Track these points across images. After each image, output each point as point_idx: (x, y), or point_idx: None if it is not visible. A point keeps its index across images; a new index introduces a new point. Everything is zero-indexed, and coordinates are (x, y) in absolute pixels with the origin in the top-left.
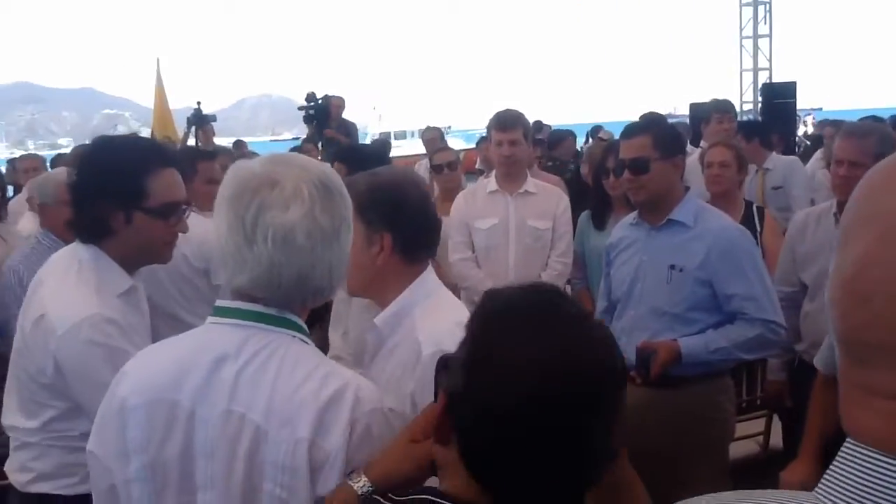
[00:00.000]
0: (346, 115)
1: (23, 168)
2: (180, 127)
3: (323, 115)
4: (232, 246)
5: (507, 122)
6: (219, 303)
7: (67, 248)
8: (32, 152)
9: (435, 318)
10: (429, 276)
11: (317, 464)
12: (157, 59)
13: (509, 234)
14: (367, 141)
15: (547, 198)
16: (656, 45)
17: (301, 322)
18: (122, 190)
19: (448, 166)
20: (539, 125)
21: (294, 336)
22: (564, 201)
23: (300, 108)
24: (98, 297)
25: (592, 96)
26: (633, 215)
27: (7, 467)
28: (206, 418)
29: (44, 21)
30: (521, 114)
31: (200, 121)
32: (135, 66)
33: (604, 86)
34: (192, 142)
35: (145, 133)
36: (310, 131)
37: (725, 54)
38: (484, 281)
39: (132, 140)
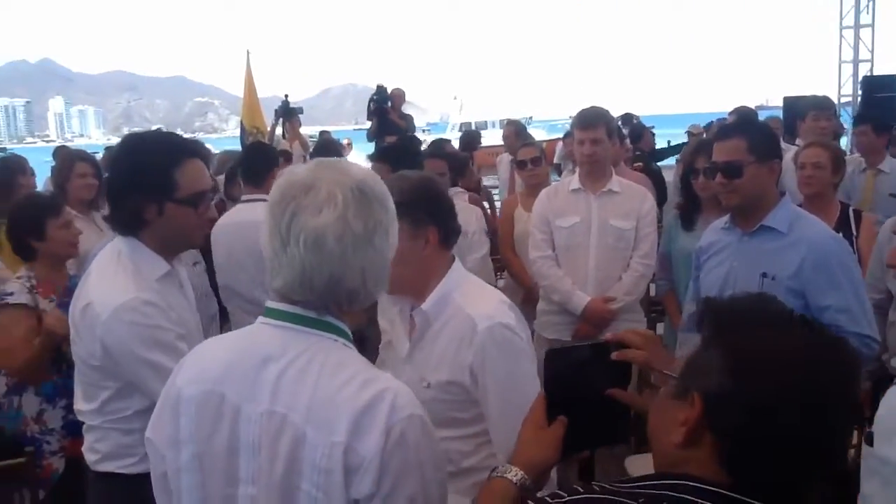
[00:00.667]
0: (427, 104)
1: None
2: (268, 117)
3: (382, 110)
4: (270, 249)
5: (588, 120)
6: (268, 303)
7: (111, 242)
8: None
9: (478, 298)
10: (457, 262)
11: (351, 468)
12: (248, 52)
13: (591, 233)
14: (448, 131)
15: (631, 197)
16: (750, 34)
17: (343, 325)
18: (153, 184)
19: (532, 162)
20: (629, 117)
21: (336, 340)
22: (650, 201)
23: (370, 100)
24: (136, 282)
25: (681, 86)
26: (724, 219)
27: (83, 448)
28: (250, 416)
29: (138, 11)
30: (604, 111)
31: (288, 113)
32: (224, 54)
33: (693, 75)
34: (279, 132)
35: (234, 121)
36: (372, 126)
37: (823, 44)
38: (563, 280)
39: (159, 135)
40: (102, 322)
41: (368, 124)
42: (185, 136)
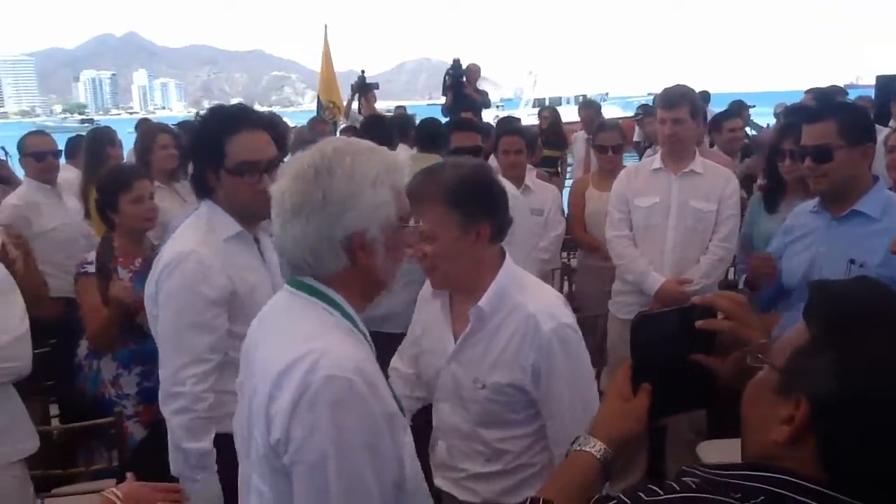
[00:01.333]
0: (502, 80)
1: None
2: (344, 92)
3: (459, 85)
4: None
5: (671, 99)
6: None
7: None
8: None
9: (537, 295)
10: (508, 256)
11: (270, 416)
12: (325, 26)
13: (670, 213)
14: (522, 106)
15: (714, 178)
16: (842, 6)
17: (325, 290)
18: (207, 153)
19: (613, 149)
20: (706, 95)
21: (316, 302)
22: (733, 183)
23: (446, 74)
24: (199, 238)
25: (767, 62)
26: (813, 202)
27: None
28: (256, 380)
29: None
30: (688, 90)
31: (364, 88)
32: (301, 29)
33: (780, 51)
34: (354, 107)
35: (310, 95)
36: (447, 100)
37: None
38: (638, 260)
39: (222, 108)
40: (160, 269)
41: (443, 99)
42: (262, 109)
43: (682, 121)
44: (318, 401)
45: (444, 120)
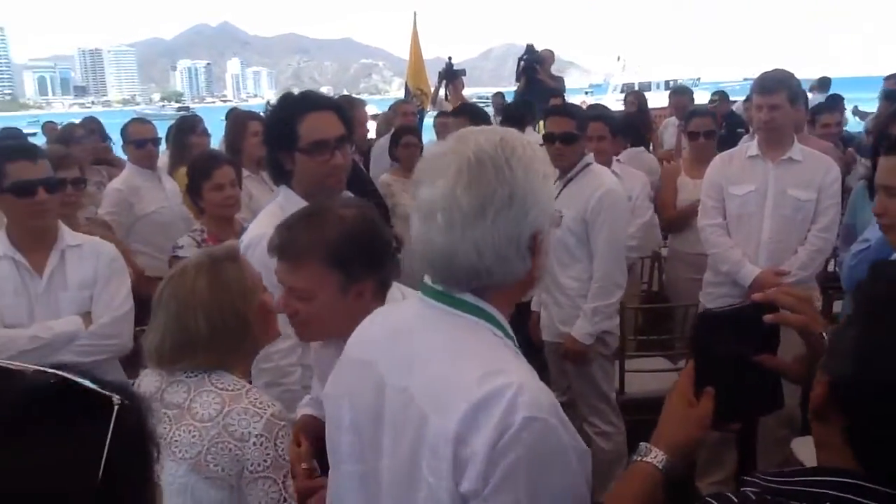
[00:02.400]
0: (591, 65)
1: None
2: (432, 79)
3: (532, 70)
4: (412, 225)
5: (767, 84)
6: (424, 278)
7: None
8: None
9: None
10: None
11: (460, 459)
12: (415, 13)
13: (766, 202)
14: (609, 92)
15: (814, 166)
16: None
17: (487, 308)
18: (282, 137)
19: (705, 135)
20: (826, 81)
21: (476, 321)
22: (834, 171)
23: (520, 60)
24: (272, 222)
25: (873, 46)
26: None
27: None
28: (392, 389)
29: None
30: (787, 76)
31: (451, 75)
32: (390, 17)
33: (889, 33)
34: (442, 94)
35: (398, 82)
36: (520, 86)
37: None
38: (733, 250)
39: (289, 94)
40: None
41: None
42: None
43: (778, 107)
44: (517, 447)
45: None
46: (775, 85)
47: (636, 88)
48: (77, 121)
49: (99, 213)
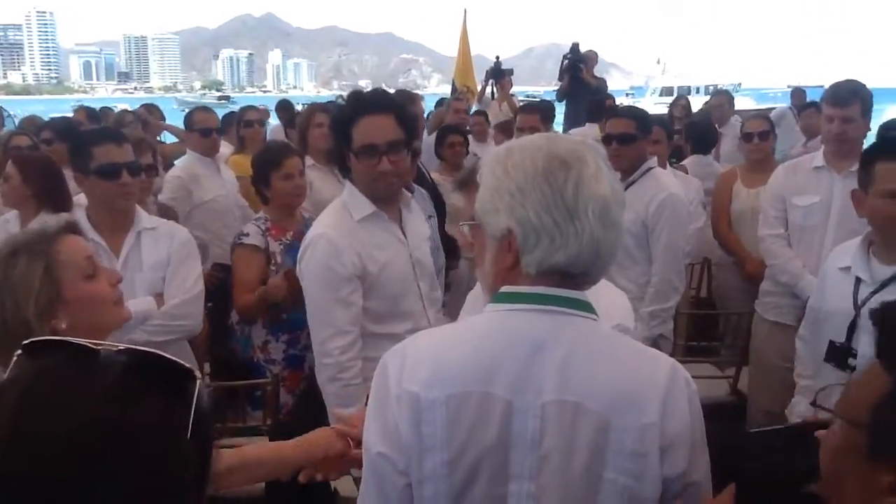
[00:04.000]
0: (632, 67)
1: None
2: (477, 77)
3: (576, 69)
4: (547, 221)
5: (841, 95)
6: (509, 289)
7: None
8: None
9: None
10: None
11: (665, 447)
12: (465, 10)
13: (830, 214)
14: (648, 94)
15: None
16: None
17: (591, 302)
18: (340, 136)
19: (759, 136)
20: (799, 91)
21: (596, 319)
22: None
23: (563, 58)
24: (333, 220)
25: None
26: None
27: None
28: (525, 409)
29: None
30: (860, 86)
31: (498, 74)
32: (431, 12)
33: None
34: (488, 92)
35: (436, 78)
36: (563, 84)
37: None
38: (793, 261)
39: (355, 93)
40: (301, 248)
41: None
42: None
43: (851, 119)
44: (696, 417)
45: (559, 105)
46: (850, 96)
47: (675, 93)
48: (127, 106)
49: (159, 200)
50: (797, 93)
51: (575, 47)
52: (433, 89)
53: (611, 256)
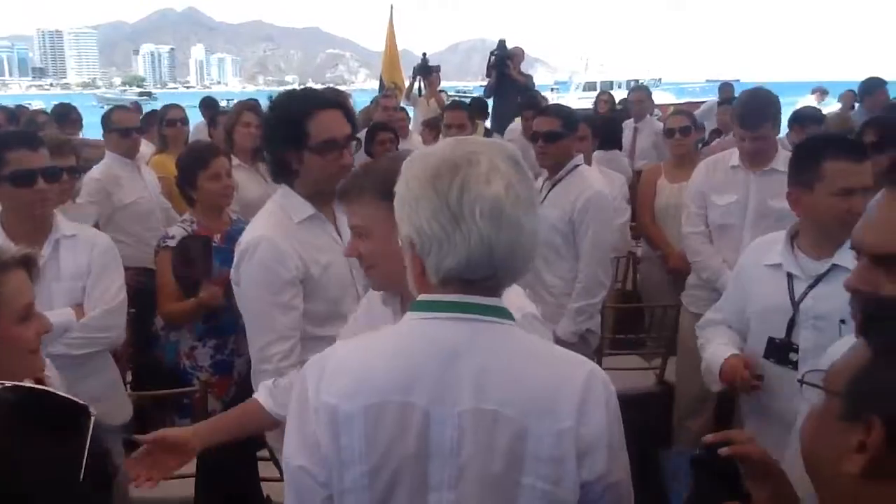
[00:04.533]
0: (557, 63)
1: None
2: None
3: (503, 65)
4: (435, 228)
5: (750, 121)
6: (425, 297)
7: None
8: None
9: None
10: None
11: (582, 451)
12: (391, 6)
13: (747, 213)
14: (572, 90)
15: None
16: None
17: (507, 307)
18: (290, 135)
19: (681, 131)
20: (726, 86)
21: (511, 325)
22: None
23: (490, 54)
24: (273, 223)
25: (821, 51)
26: None
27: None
28: (443, 418)
29: None
30: (766, 101)
31: (426, 71)
32: (358, 7)
33: (843, 40)
34: (416, 88)
35: (364, 74)
36: (490, 81)
37: None
38: (714, 257)
39: (297, 91)
40: (239, 252)
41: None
42: (317, 86)
43: (764, 137)
44: (614, 416)
45: (488, 101)
46: (759, 120)
47: (598, 88)
48: (41, 104)
49: (77, 203)
50: (725, 87)
51: (502, 44)
52: (360, 84)
53: (511, 257)
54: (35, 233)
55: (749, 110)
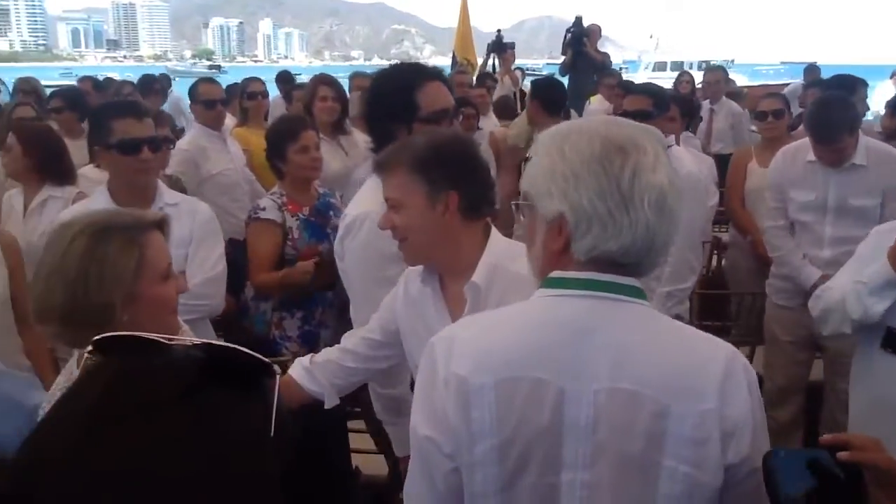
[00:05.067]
0: (626, 41)
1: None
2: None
3: (580, 43)
4: (601, 209)
5: (825, 135)
6: (559, 274)
7: None
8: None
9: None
10: (496, 232)
11: (727, 433)
12: None
13: (826, 211)
14: (641, 69)
15: (879, 169)
16: None
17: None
18: (399, 107)
19: (774, 114)
20: (812, 68)
21: (648, 306)
22: None
23: (567, 31)
24: (378, 198)
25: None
26: None
27: None
28: (578, 396)
29: None
30: (841, 110)
31: (500, 47)
32: None
33: None
34: (489, 65)
35: (429, 49)
36: (566, 59)
37: None
38: (794, 252)
39: (400, 65)
40: (344, 228)
41: (562, 59)
42: (383, 62)
43: (842, 148)
44: (757, 401)
45: (563, 80)
46: (834, 133)
47: (668, 68)
48: (112, 76)
49: (166, 173)
50: (811, 69)
51: (578, 21)
52: (426, 61)
53: (665, 247)
54: (140, 200)
55: (823, 125)
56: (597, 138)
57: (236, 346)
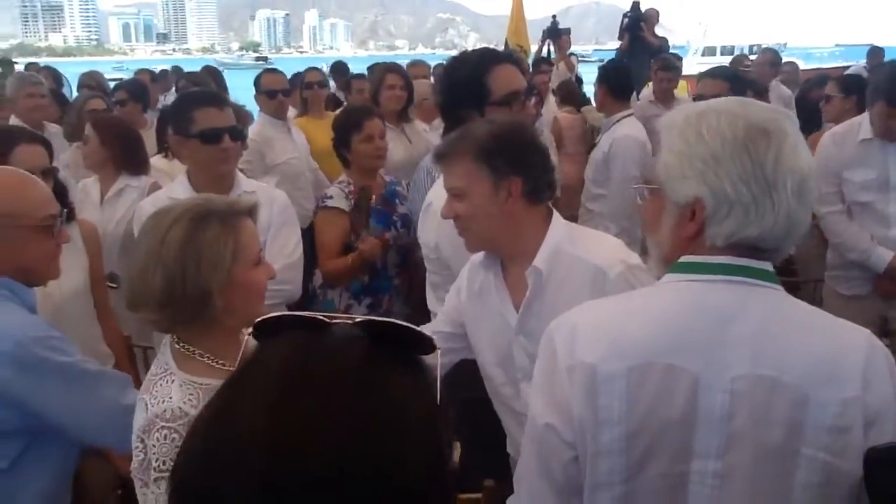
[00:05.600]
0: (674, 25)
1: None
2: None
3: (637, 28)
4: (744, 193)
5: None
6: (690, 259)
7: None
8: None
9: (594, 246)
10: (557, 215)
11: (869, 421)
12: None
13: (890, 188)
14: (690, 55)
15: None
16: None
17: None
18: (470, 92)
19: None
20: (876, 50)
21: (781, 290)
22: None
23: (624, 16)
24: None
25: None
26: None
27: None
28: (713, 383)
29: None
30: None
31: (555, 33)
32: None
33: None
34: (545, 52)
35: (474, 38)
36: (623, 43)
37: None
38: (859, 235)
39: (469, 52)
40: (430, 213)
41: (609, 45)
42: (428, 51)
43: None
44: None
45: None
46: None
47: (718, 53)
48: (165, 67)
49: None
50: (875, 52)
51: (635, 5)
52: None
53: (802, 232)
54: (219, 189)
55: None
56: (738, 121)
57: (396, 321)
